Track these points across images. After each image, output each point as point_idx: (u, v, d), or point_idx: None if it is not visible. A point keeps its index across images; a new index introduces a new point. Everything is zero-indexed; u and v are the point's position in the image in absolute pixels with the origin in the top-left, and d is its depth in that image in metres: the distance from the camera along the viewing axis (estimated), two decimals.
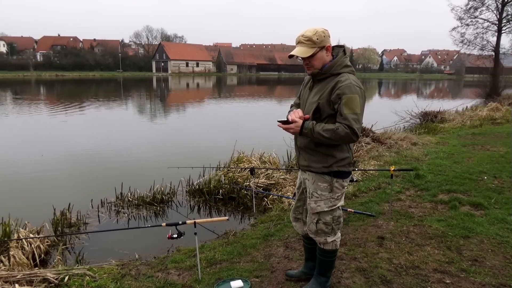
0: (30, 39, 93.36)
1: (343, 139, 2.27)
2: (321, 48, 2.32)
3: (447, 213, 4.33)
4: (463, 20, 23.90)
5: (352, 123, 2.22)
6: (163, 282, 3.08)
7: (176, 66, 79.14)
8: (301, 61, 2.39)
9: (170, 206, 5.82)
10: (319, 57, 2.33)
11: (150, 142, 11.04)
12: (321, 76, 2.38)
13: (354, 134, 2.23)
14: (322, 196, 2.47)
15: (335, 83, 2.30)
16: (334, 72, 2.35)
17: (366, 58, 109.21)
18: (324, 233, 2.55)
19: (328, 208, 2.48)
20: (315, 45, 2.30)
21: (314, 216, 2.54)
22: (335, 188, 2.47)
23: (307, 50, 2.30)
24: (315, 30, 2.31)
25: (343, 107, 2.24)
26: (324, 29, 2.34)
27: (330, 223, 2.52)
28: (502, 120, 13.07)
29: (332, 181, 2.45)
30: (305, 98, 2.50)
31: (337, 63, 2.35)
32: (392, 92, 42.54)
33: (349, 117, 2.23)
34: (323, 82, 2.39)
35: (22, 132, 12.53)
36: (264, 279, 3.04)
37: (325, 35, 2.32)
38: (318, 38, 2.29)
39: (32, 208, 5.62)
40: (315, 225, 2.55)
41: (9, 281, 3.03)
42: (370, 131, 8.78)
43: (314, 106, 2.37)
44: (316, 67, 2.36)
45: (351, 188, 5.40)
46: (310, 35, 2.29)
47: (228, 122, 15.40)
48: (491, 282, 2.89)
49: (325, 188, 2.46)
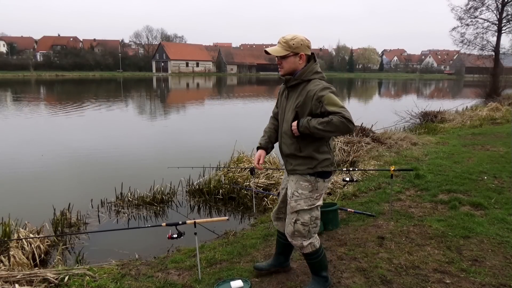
0: (30, 39, 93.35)
1: (340, 128, 2.33)
2: (295, 54, 2.46)
3: (447, 213, 4.33)
4: (463, 20, 23.95)
5: (344, 113, 2.31)
6: (163, 282, 3.08)
7: (176, 66, 79.15)
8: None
9: (170, 206, 5.82)
10: (291, 61, 2.47)
11: (150, 142, 11.04)
12: (294, 82, 2.51)
13: (349, 122, 2.31)
14: (302, 195, 2.55)
15: (308, 91, 2.43)
16: (305, 78, 2.47)
17: (366, 58, 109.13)
18: (300, 235, 2.60)
19: (308, 206, 2.56)
20: (290, 49, 2.45)
21: (293, 215, 2.59)
22: (316, 188, 2.57)
23: (281, 50, 2.46)
24: (295, 36, 2.47)
25: (327, 107, 2.34)
26: (305, 38, 2.48)
27: (308, 223, 2.58)
28: (502, 120, 13.07)
29: (315, 181, 2.55)
30: (283, 107, 2.63)
31: (308, 69, 2.48)
32: (392, 92, 42.54)
33: (337, 110, 2.32)
34: (297, 89, 2.51)
35: (22, 132, 12.54)
36: (264, 279, 3.04)
37: (303, 43, 2.46)
38: (295, 44, 2.44)
39: (32, 208, 5.62)
40: (293, 226, 2.60)
41: (9, 281, 3.03)
42: (370, 131, 8.78)
43: (294, 114, 2.49)
44: (286, 70, 2.50)
45: (351, 188, 5.41)
46: (289, 38, 2.46)
47: (228, 122, 15.40)
48: (491, 282, 2.89)
49: (306, 187, 2.55)
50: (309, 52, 2.51)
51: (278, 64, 2.53)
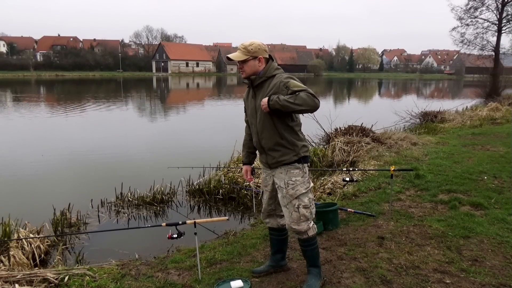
0: (30, 39, 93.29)
1: (307, 101, 2.49)
2: (254, 58, 2.68)
3: (447, 213, 4.33)
4: (463, 20, 23.92)
5: (308, 90, 2.53)
6: (163, 282, 3.08)
7: (176, 66, 79.14)
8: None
9: (170, 206, 5.82)
10: (251, 65, 2.69)
11: (150, 142, 11.04)
12: (259, 81, 2.71)
13: (314, 97, 2.51)
14: (297, 181, 2.73)
15: (275, 83, 2.64)
16: (269, 75, 2.71)
17: (366, 58, 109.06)
18: (305, 219, 2.74)
19: (305, 189, 2.75)
20: (249, 54, 2.67)
21: (294, 202, 2.72)
22: (305, 172, 2.78)
23: (241, 55, 2.69)
24: (253, 42, 2.70)
25: (294, 88, 2.55)
26: (262, 43, 2.72)
27: (308, 205, 2.75)
28: (502, 120, 13.07)
29: (302, 166, 2.76)
30: (253, 107, 2.79)
31: (269, 67, 2.72)
32: (392, 92, 42.54)
33: (302, 88, 2.54)
34: (263, 86, 2.71)
35: (22, 132, 12.54)
36: (264, 279, 3.04)
37: (261, 48, 2.69)
38: (253, 49, 2.67)
39: (32, 208, 5.63)
40: (298, 211, 2.72)
41: (9, 281, 3.03)
42: (370, 131, 8.78)
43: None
44: (247, 73, 2.71)
45: (351, 188, 5.41)
46: (247, 44, 2.69)
47: (228, 122, 15.38)
48: (491, 282, 2.89)
49: (297, 173, 2.74)
50: (266, 55, 2.73)
51: (239, 68, 2.75)
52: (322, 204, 4.36)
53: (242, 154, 3.08)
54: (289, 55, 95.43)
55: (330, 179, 5.90)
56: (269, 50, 2.82)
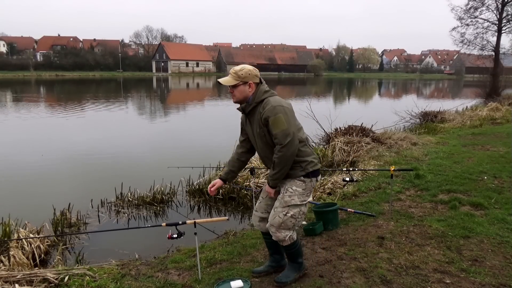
0: (30, 39, 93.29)
1: (283, 161, 2.63)
2: (244, 83, 2.71)
3: (447, 213, 4.33)
4: (463, 20, 23.92)
5: (281, 140, 2.59)
6: (163, 282, 3.08)
7: (176, 66, 79.11)
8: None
9: (170, 206, 5.82)
10: (241, 90, 2.72)
11: (150, 142, 11.04)
12: (250, 108, 2.75)
13: (287, 145, 2.58)
14: (296, 191, 2.75)
15: (260, 110, 2.69)
16: (258, 100, 2.72)
17: (366, 58, 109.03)
18: (286, 227, 2.76)
19: (300, 202, 2.77)
20: (239, 79, 2.70)
21: (284, 209, 2.74)
22: (308, 186, 2.79)
23: (232, 80, 2.71)
24: (243, 68, 2.73)
25: (272, 128, 2.62)
26: (253, 68, 2.74)
27: (296, 216, 2.77)
28: (502, 120, 13.07)
29: (309, 181, 2.77)
30: (251, 133, 2.86)
31: (258, 92, 2.73)
32: (392, 92, 42.54)
33: (278, 135, 2.60)
34: (254, 113, 2.75)
35: (22, 132, 12.54)
36: (264, 279, 3.04)
37: (251, 73, 2.71)
38: (243, 74, 2.69)
39: (32, 208, 5.62)
40: (281, 218, 2.73)
41: (9, 281, 3.03)
42: (370, 131, 8.78)
43: (262, 135, 2.73)
44: (238, 97, 2.76)
45: (351, 188, 5.41)
46: (237, 69, 2.72)
47: (228, 122, 15.38)
48: (491, 282, 2.89)
49: (300, 185, 2.76)
50: (257, 80, 2.74)
51: (230, 92, 2.78)
52: (322, 204, 4.36)
53: (224, 169, 3.12)
54: (289, 55, 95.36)
55: (330, 179, 5.90)
56: (269, 50, 2.81)
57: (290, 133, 2.59)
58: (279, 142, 2.60)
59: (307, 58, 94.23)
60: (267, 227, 2.84)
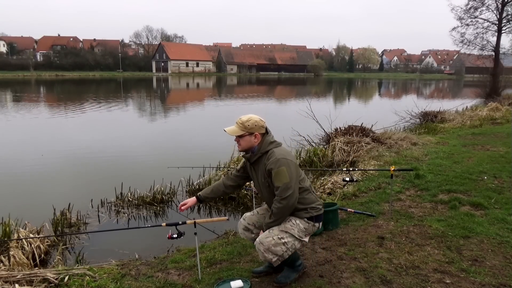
0: (30, 39, 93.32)
1: (281, 211, 2.69)
2: (250, 134, 2.75)
3: (447, 213, 4.33)
4: (463, 20, 23.95)
5: (282, 193, 2.64)
6: (163, 282, 3.08)
7: (176, 66, 79.12)
8: None
9: (170, 206, 5.82)
10: (246, 140, 2.77)
11: (150, 142, 11.04)
12: (255, 157, 2.80)
13: (287, 198, 2.63)
14: (299, 226, 2.78)
15: (265, 161, 2.74)
16: (263, 151, 2.77)
17: (366, 58, 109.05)
18: (274, 253, 2.72)
19: (297, 235, 2.78)
20: (245, 129, 2.74)
21: (281, 233, 2.74)
22: (310, 229, 2.83)
23: (238, 130, 2.76)
24: (250, 118, 2.77)
25: (274, 180, 2.68)
26: (259, 119, 2.78)
27: (288, 246, 2.75)
28: (502, 120, 13.07)
29: (310, 223, 2.81)
30: (255, 180, 2.91)
31: (263, 143, 2.78)
32: (392, 92, 42.54)
33: (279, 188, 2.65)
34: (259, 162, 2.80)
35: (22, 132, 12.54)
36: (264, 279, 3.04)
37: (257, 125, 2.75)
38: (249, 125, 2.74)
39: (32, 208, 5.62)
40: (275, 240, 2.71)
41: (9, 281, 3.03)
42: (370, 131, 8.78)
43: (267, 185, 2.79)
44: (243, 147, 2.80)
45: (351, 188, 5.41)
46: (244, 120, 2.76)
47: (228, 122, 15.35)
48: (491, 282, 2.89)
49: (303, 223, 2.80)
50: (263, 131, 2.78)
51: (236, 141, 2.83)
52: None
53: (204, 190, 3.11)
54: (289, 55, 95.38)
55: (330, 179, 5.90)
56: (269, 50, 2.81)
57: (291, 187, 2.64)
58: (280, 195, 2.65)
59: (307, 58, 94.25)
60: (256, 244, 2.79)
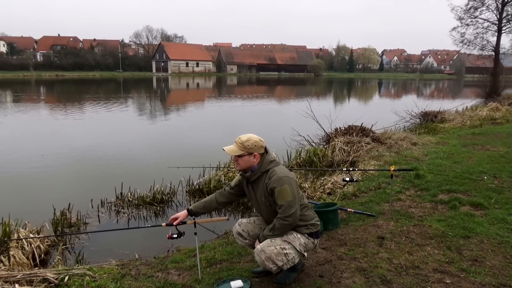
0: (30, 39, 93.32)
1: (283, 228, 2.72)
2: (249, 154, 2.75)
3: (447, 213, 4.33)
4: (463, 20, 23.94)
5: (286, 211, 2.66)
6: (163, 282, 3.08)
7: (176, 66, 79.14)
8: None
9: (170, 206, 5.81)
10: (245, 160, 2.77)
11: (150, 142, 11.04)
12: (255, 177, 2.79)
13: (291, 216, 2.66)
14: (299, 239, 2.80)
15: (266, 181, 2.73)
16: (263, 170, 2.77)
17: (366, 58, 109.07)
18: (274, 263, 2.72)
19: (298, 248, 2.80)
20: (245, 149, 2.75)
21: (284, 243, 2.75)
22: (310, 244, 2.86)
23: (237, 150, 2.77)
24: (249, 138, 2.77)
25: (277, 199, 2.68)
26: (259, 139, 2.79)
27: (289, 257, 2.75)
28: (502, 120, 13.08)
29: (310, 239, 2.85)
30: (254, 199, 2.90)
31: (263, 162, 2.78)
32: (392, 92, 42.54)
33: (283, 206, 2.66)
34: (259, 181, 2.80)
35: (22, 132, 12.53)
36: (264, 279, 3.04)
37: (257, 145, 2.76)
38: (249, 145, 2.74)
39: (32, 208, 5.62)
40: (278, 249, 2.71)
41: (9, 281, 3.03)
42: (370, 131, 8.78)
43: (268, 204, 2.78)
44: (242, 166, 2.80)
45: (351, 188, 5.41)
46: (244, 140, 2.77)
47: (228, 122, 15.40)
48: (491, 282, 2.89)
49: (304, 238, 2.83)
50: (262, 151, 2.78)
51: (235, 160, 2.84)
52: (322, 204, 4.36)
53: (196, 204, 3.10)
54: (289, 55, 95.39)
55: (330, 179, 5.90)
56: (269, 50, 2.80)
57: (294, 205, 2.66)
58: (283, 213, 2.66)
59: (307, 58, 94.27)
60: (256, 251, 2.77)
